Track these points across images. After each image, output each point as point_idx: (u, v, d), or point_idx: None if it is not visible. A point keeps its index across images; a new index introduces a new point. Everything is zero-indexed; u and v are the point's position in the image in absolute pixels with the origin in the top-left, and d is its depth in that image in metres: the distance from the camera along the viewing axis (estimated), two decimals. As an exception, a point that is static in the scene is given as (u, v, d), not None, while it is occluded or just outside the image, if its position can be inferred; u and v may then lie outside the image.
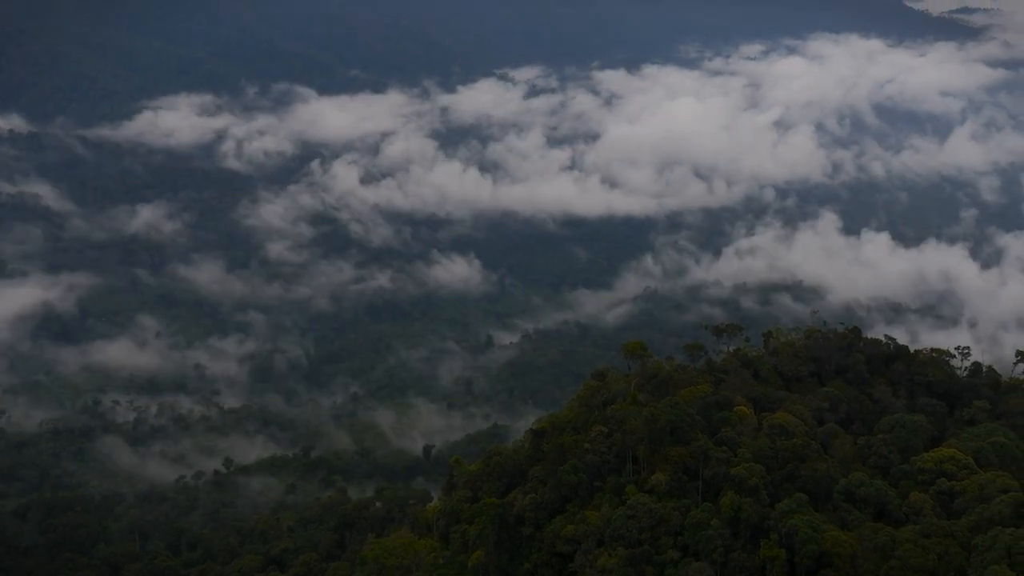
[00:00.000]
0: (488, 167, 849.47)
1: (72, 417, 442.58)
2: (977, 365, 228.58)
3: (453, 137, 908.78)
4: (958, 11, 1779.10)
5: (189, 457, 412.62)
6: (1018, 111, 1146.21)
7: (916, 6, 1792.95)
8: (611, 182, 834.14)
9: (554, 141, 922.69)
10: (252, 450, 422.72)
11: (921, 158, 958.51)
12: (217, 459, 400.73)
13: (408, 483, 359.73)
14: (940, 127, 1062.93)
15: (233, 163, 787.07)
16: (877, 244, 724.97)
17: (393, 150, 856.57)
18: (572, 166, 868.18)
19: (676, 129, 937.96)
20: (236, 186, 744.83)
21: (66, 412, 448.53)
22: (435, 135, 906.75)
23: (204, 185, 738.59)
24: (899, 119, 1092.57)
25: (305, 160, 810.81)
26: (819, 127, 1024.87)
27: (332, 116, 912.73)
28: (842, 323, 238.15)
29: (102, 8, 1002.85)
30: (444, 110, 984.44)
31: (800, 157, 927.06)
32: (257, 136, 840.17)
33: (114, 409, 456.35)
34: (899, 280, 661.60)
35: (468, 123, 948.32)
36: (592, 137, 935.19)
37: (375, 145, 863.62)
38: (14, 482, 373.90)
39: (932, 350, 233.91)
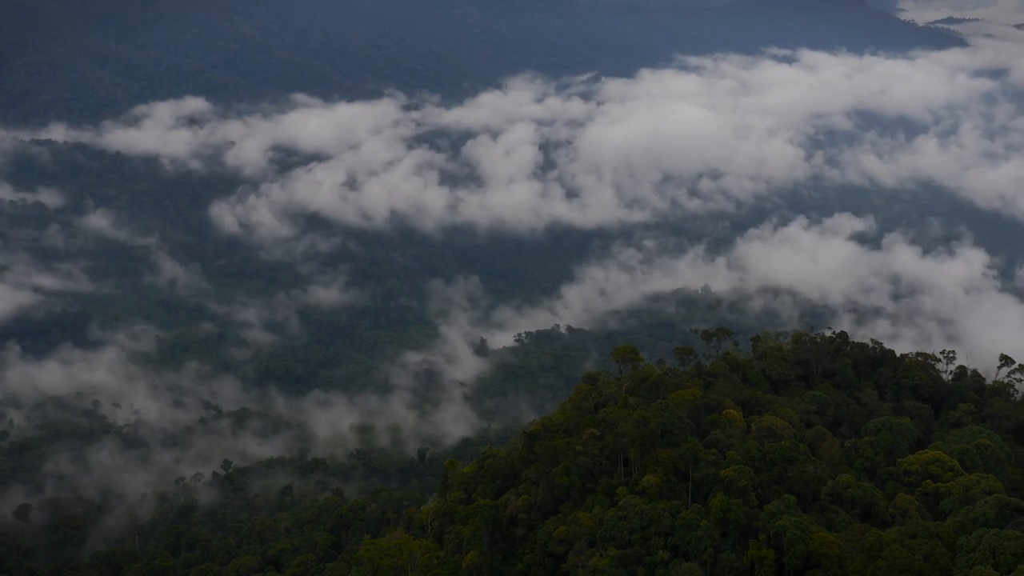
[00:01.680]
0: (479, 174, 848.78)
1: (72, 420, 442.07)
2: (962, 369, 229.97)
3: (447, 146, 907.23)
4: (944, 21, 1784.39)
5: (188, 459, 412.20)
6: (1000, 117, 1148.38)
7: (904, 16, 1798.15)
8: (601, 189, 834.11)
9: (546, 149, 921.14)
10: (250, 452, 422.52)
11: (907, 164, 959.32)
12: (215, 461, 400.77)
13: (403, 485, 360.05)
14: (926, 133, 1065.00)
15: (231, 170, 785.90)
16: (864, 249, 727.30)
17: (388, 158, 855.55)
18: (562, 173, 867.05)
19: (667, 137, 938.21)
20: (233, 192, 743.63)
21: (66, 415, 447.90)
22: (431, 144, 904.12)
23: (201, 191, 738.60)
24: (885, 126, 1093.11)
25: (301, 167, 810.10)
26: (807, 135, 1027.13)
27: (327, 125, 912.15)
28: (830, 327, 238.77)
29: (102, 19, 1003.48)
30: (438, 120, 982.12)
31: (788, 164, 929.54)
32: (255, 143, 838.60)
33: (114, 412, 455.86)
34: (886, 284, 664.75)
35: (461, 132, 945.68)
36: (585, 145, 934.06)
37: (370, 153, 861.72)
38: (15, 484, 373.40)
39: (918, 354, 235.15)
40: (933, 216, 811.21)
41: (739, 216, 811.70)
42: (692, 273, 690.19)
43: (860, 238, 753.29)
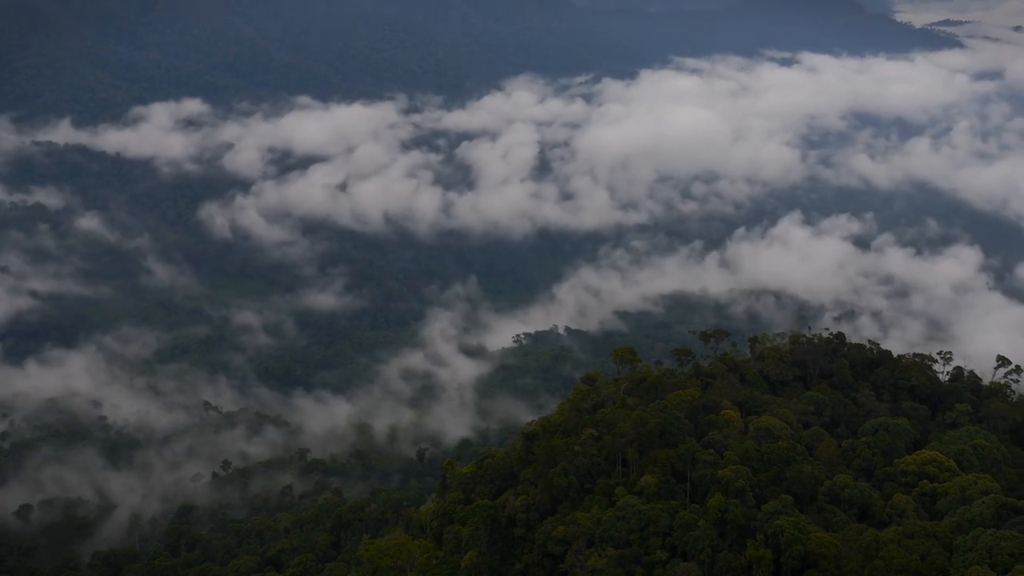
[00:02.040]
0: (478, 177, 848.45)
1: (72, 421, 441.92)
2: (959, 370, 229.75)
3: (447, 149, 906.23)
4: (940, 23, 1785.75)
5: (187, 460, 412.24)
6: (995, 118, 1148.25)
7: (901, 18, 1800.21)
8: (599, 191, 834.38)
9: (546, 151, 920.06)
10: (249, 452, 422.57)
11: (903, 165, 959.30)
12: (215, 461, 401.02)
13: (402, 485, 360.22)
14: (922, 134, 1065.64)
15: (229, 172, 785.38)
16: (859, 250, 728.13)
17: (386, 161, 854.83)
18: (561, 175, 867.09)
19: (666, 138, 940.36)
20: (232, 194, 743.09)
21: (65, 416, 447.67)
22: (430, 147, 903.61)
23: (200, 193, 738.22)
24: (882, 127, 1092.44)
25: (299, 169, 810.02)
26: (804, 136, 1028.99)
27: (326, 127, 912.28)
28: (826, 328, 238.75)
29: (102, 21, 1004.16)
30: (438, 122, 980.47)
31: (785, 166, 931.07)
32: (253, 145, 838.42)
33: (114, 413, 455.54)
34: (882, 285, 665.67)
35: (461, 135, 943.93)
36: (584, 147, 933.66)
37: (368, 156, 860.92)
38: (16, 484, 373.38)
39: (915, 355, 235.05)
40: (929, 217, 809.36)
41: (736, 218, 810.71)
42: (690, 275, 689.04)
43: (856, 239, 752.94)
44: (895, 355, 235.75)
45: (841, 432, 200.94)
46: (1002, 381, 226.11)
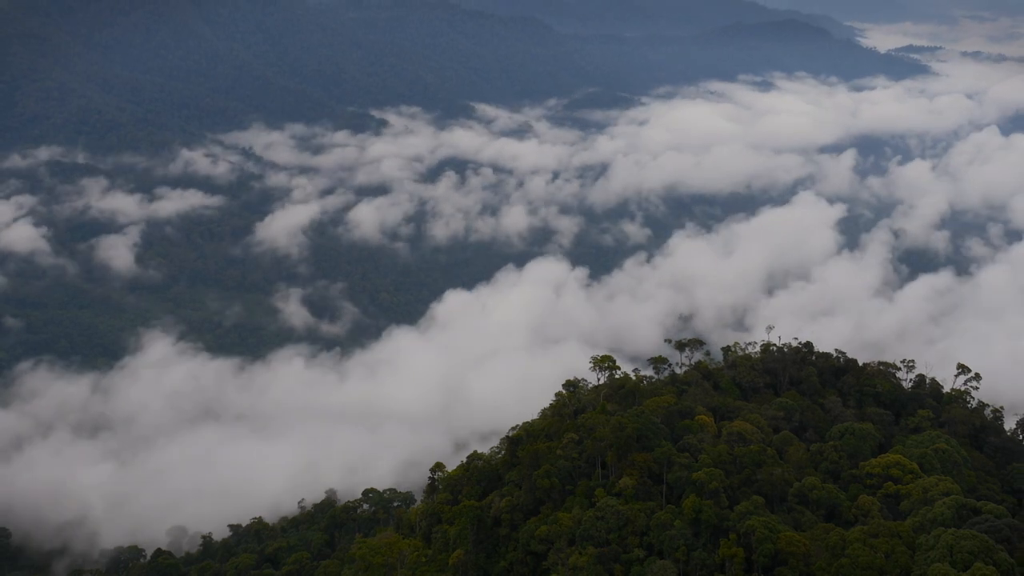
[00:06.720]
0: (467, 195, 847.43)
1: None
2: (921, 377, 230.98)
3: (435, 168, 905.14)
4: (903, 49, 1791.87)
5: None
6: (958, 138, 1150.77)
7: (866, 43, 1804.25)
8: (579, 212, 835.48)
9: (531, 172, 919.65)
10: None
11: (871, 184, 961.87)
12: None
13: (393, 486, 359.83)
14: (891, 154, 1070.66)
15: (226, 189, 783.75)
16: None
17: (377, 179, 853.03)
18: (541, 196, 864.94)
19: (644, 161, 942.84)
20: (227, 211, 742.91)
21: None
22: (419, 165, 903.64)
23: (201, 211, 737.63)
24: (851, 148, 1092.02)
25: (297, 189, 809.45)
26: (779, 157, 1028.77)
27: (321, 147, 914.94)
28: (795, 338, 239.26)
29: (108, 47, 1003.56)
30: (426, 142, 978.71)
31: (759, 185, 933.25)
32: (252, 166, 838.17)
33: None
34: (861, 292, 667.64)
35: (450, 155, 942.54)
36: (566, 168, 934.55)
37: (361, 174, 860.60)
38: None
39: (879, 363, 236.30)
40: (899, 233, 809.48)
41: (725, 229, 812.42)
42: (667, 290, 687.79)
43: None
44: (860, 363, 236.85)
45: (809, 436, 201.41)
46: (962, 388, 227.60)
